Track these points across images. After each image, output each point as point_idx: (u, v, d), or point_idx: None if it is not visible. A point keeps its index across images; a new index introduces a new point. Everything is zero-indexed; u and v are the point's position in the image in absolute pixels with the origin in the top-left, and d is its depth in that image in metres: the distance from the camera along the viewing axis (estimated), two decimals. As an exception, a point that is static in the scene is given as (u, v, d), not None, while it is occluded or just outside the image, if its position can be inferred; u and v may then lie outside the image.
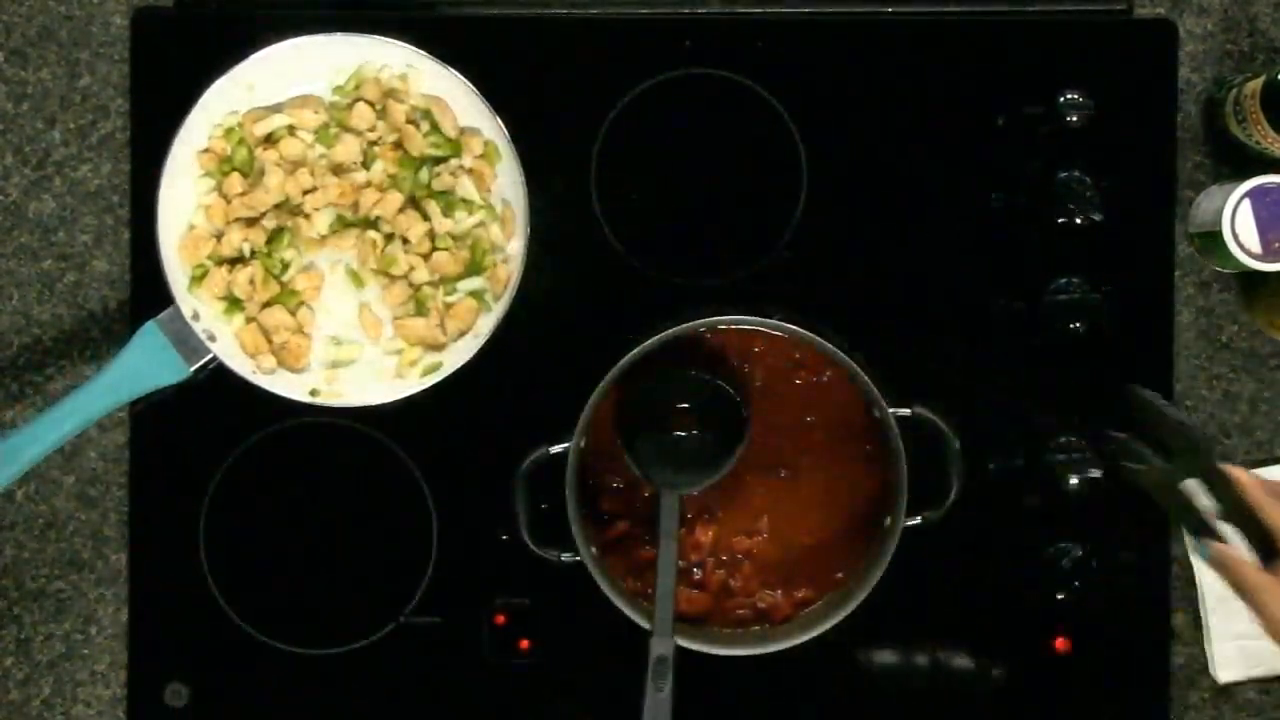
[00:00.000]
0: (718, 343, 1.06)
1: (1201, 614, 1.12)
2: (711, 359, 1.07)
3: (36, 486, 1.13)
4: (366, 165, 1.07)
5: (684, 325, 1.03)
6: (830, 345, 1.03)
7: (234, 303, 1.07)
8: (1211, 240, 1.07)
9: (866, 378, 1.03)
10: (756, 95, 1.11)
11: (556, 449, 1.03)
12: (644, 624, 1.02)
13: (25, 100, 1.13)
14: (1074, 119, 1.09)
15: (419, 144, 1.06)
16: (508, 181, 1.07)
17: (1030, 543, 1.10)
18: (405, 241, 1.07)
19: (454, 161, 1.07)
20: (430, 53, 1.06)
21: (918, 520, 1.03)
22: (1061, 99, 1.09)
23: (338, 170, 1.07)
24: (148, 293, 1.08)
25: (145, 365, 1.06)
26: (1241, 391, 1.13)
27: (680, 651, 1.02)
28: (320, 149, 1.07)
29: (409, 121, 1.07)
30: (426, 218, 1.07)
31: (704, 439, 1.06)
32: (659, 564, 1.02)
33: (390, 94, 1.07)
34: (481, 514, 1.10)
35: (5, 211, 1.13)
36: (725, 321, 1.04)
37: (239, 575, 1.12)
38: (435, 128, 1.07)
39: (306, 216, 1.07)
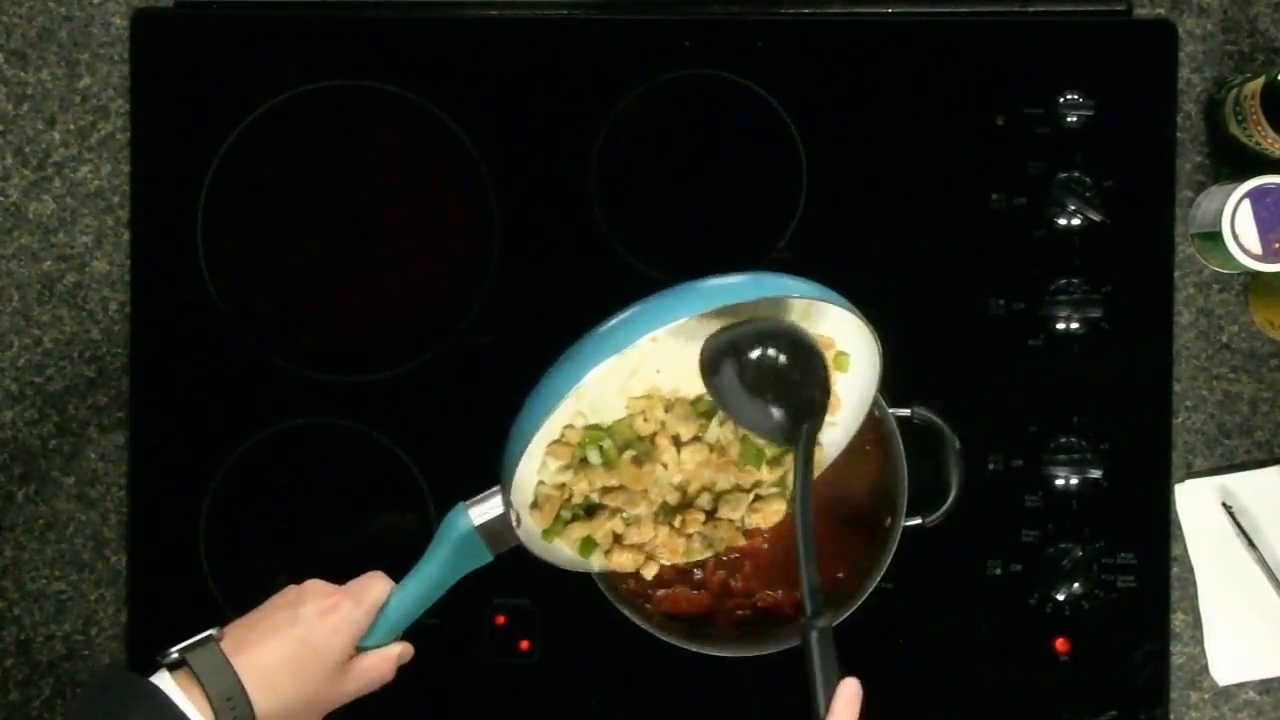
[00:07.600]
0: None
1: (1201, 614, 1.12)
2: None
3: (36, 487, 1.13)
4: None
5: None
6: (830, 345, 1.03)
7: (589, 543, 0.95)
8: (1211, 240, 1.07)
9: (866, 378, 1.03)
10: (756, 95, 1.11)
11: (556, 450, 1.03)
12: (644, 625, 1.02)
13: (25, 101, 1.13)
14: (1074, 119, 1.10)
15: None
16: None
17: (1030, 543, 1.10)
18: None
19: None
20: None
21: (918, 520, 1.03)
22: (1061, 99, 1.09)
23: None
24: (148, 295, 1.08)
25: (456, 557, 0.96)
26: (1241, 391, 1.13)
27: (680, 652, 1.02)
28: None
29: None
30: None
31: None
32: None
33: None
34: (481, 514, 1.10)
35: (5, 212, 1.13)
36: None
37: (239, 575, 1.12)
38: None
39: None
